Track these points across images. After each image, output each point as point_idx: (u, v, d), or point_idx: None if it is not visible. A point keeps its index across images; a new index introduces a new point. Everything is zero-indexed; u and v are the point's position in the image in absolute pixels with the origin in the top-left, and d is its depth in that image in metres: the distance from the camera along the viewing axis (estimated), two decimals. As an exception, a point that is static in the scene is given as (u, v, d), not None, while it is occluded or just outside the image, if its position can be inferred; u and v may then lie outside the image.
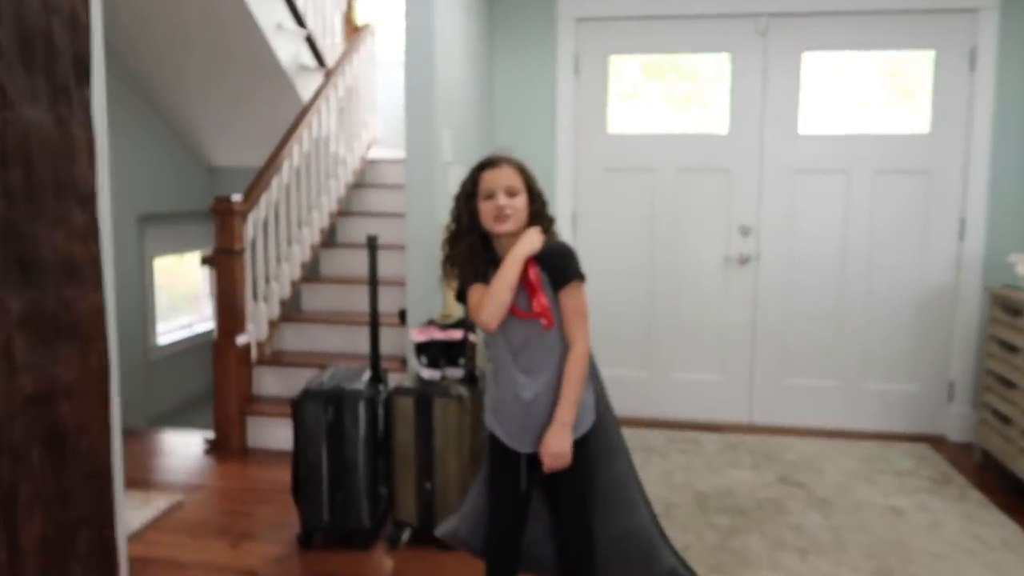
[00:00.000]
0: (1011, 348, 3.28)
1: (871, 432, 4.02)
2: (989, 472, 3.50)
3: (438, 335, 2.73)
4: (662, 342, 4.17)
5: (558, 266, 1.88)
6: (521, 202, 1.89)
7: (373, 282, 2.79)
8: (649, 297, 4.15)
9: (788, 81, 3.92)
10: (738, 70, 3.95)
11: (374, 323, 2.84)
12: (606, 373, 2.17)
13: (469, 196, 1.93)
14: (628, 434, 2.17)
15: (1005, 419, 3.32)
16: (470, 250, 1.92)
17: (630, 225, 4.12)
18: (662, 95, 4.09)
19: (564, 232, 4.31)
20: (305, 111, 4.33)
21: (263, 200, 3.92)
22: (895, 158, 3.88)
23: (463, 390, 2.66)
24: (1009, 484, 3.34)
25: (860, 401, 4.04)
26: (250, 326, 3.81)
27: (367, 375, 2.80)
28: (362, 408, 2.63)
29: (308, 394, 2.64)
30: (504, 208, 1.86)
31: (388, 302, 3.96)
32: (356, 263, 4.45)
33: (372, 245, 2.76)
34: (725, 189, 4.02)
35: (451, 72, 3.28)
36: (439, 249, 2.02)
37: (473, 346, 2.80)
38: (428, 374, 2.74)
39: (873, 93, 3.91)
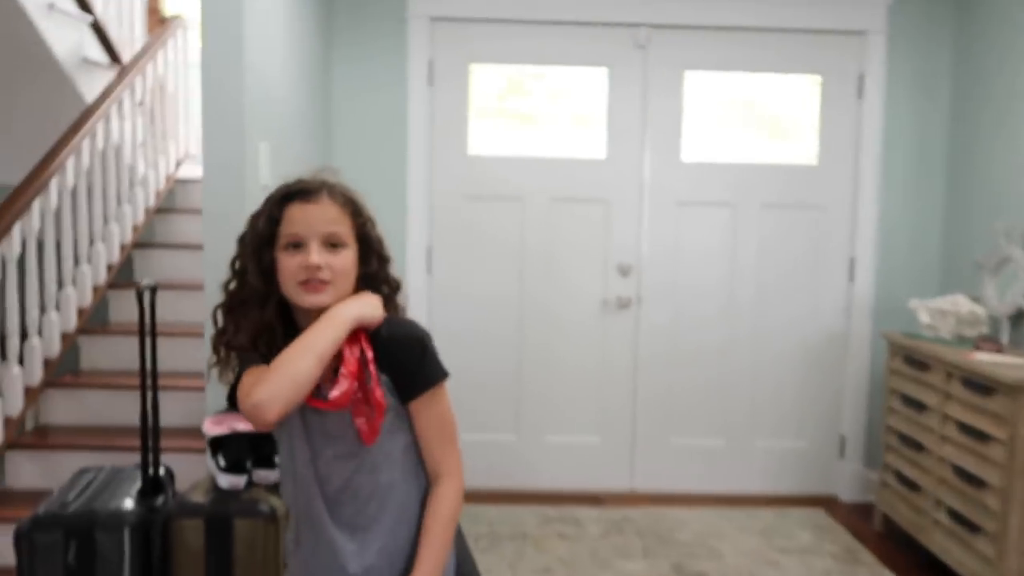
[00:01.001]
0: (918, 406, 2.94)
1: (762, 496, 3.60)
2: (894, 542, 3.14)
3: (242, 424, 1.97)
4: (533, 400, 3.57)
5: (408, 362, 1.24)
6: (347, 259, 1.24)
7: (143, 350, 2.00)
8: (517, 347, 3.55)
9: (670, 101, 3.47)
10: (616, 87, 3.46)
11: (146, 404, 2.03)
12: (467, 438, 1.51)
13: (263, 243, 1.23)
14: (496, 513, 1.55)
15: (912, 485, 2.97)
16: (258, 329, 1.22)
17: (495, 263, 3.51)
18: (531, 113, 3.53)
19: (417, 272, 3.70)
20: (87, 115, 3.40)
21: (16, 230, 2.97)
22: (783, 191, 3.52)
23: (279, 503, 1.92)
24: (918, 558, 2.98)
25: (750, 461, 3.62)
26: (-7, 399, 2.85)
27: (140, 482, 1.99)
28: (126, 540, 1.82)
29: (39, 523, 1.79)
30: (318, 269, 1.19)
31: (195, 358, 3.11)
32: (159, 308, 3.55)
33: (141, 298, 1.97)
34: (603, 222, 3.50)
35: (268, 70, 2.54)
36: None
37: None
38: (228, 481, 1.96)
39: (759, 119, 3.54)
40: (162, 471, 2.06)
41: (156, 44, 4.05)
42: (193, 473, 2.50)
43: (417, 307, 3.41)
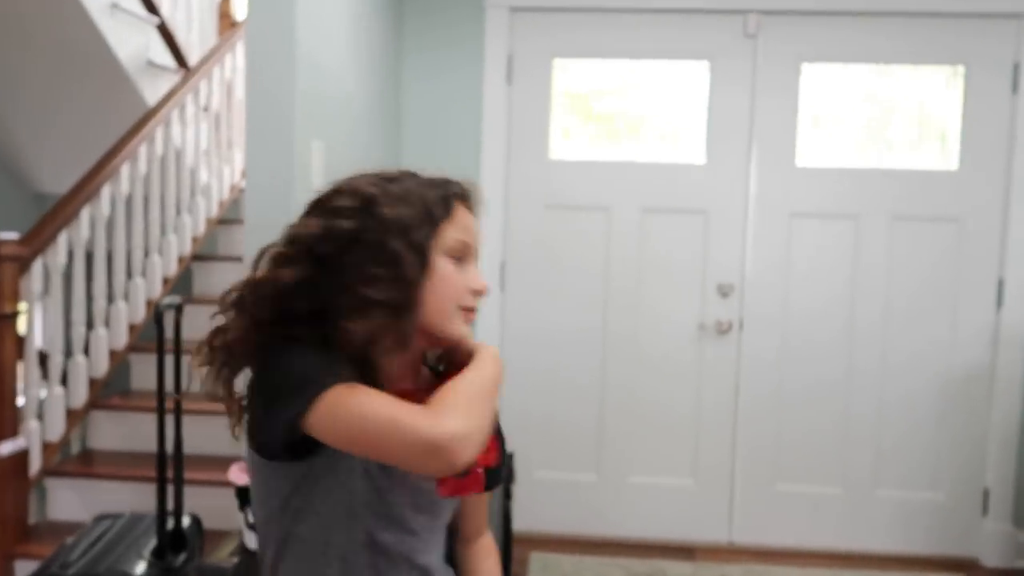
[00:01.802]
0: (1096, 463, 2.40)
1: (885, 555, 3.08)
2: (1060, 627, 2.60)
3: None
4: (617, 435, 3.15)
5: None
6: None
7: (161, 374, 1.70)
8: (601, 375, 3.14)
9: (783, 99, 3.02)
10: (719, 82, 3.03)
11: (163, 439, 1.74)
12: (541, 476, 1.23)
13: (428, 233, 0.92)
14: (571, 564, 1.26)
15: (1087, 559, 2.42)
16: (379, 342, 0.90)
17: (576, 279, 3.13)
18: (620, 114, 3.14)
19: (491, 291, 3.30)
20: (146, 119, 3.21)
21: (63, 239, 2.77)
22: (916, 201, 3.01)
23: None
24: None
25: (872, 514, 3.10)
26: (32, 423, 2.64)
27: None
28: (131, 612, 1.52)
29: (31, 590, 1.51)
30: (482, 293, 0.97)
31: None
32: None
33: (160, 319, 1.67)
34: (700, 235, 3.07)
35: (324, 60, 2.24)
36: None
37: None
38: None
39: (889, 118, 3.05)
40: (187, 521, 1.76)
41: (224, 48, 3.86)
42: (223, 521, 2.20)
43: (489, 326, 3.07)
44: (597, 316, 3.12)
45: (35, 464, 2.69)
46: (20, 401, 2.67)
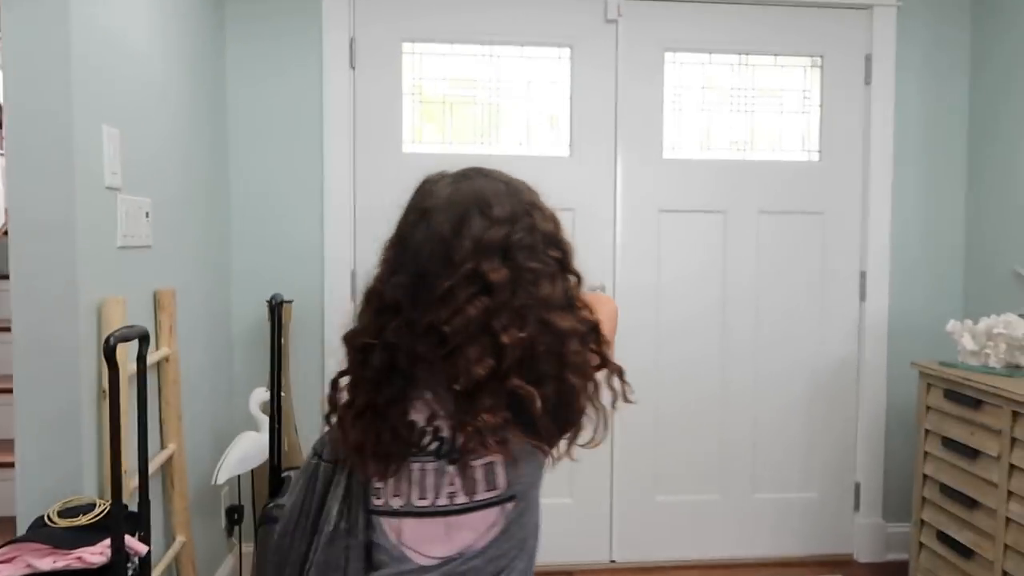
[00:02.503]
0: (968, 452, 2.37)
1: (764, 560, 2.99)
2: (939, 620, 2.57)
3: (45, 561, 1.23)
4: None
5: None
6: None
7: None
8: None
9: (648, 87, 2.86)
10: (581, 70, 2.84)
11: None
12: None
13: None
14: None
15: (963, 550, 2.39)
16: None
17: (437, 287, 2.82)
18: (479, 103, 2.87)
19: (341, 302, 2.83)
20: None
21: None
22: (781, 194, 2.95)
23: None
24: (977, 643, 2.40)
25: (750, 519, 3.00)
26: None
27: None
28: None
29: None
30: None
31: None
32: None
33: None
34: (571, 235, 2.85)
35: (118, 33, 1.81)
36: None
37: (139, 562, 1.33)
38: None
39: (752, 109, 2.96)
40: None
41: None
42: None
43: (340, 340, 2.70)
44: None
45: None
46: None
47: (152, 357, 1.89)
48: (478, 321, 0.86)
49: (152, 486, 1.98)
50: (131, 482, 1.77)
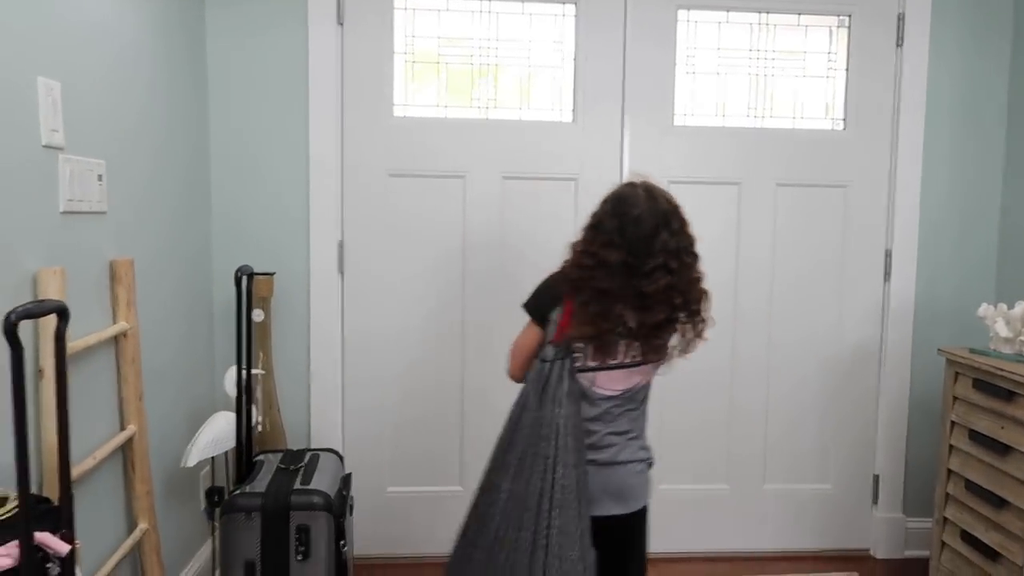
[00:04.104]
0: (999, 447, 2.18)
1: (774, 553, 2.83)
2: (961, 626, 2.39)
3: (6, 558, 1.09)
4: (469, 449, 2.73)
5: None
6: None
7: None
8: (460, 373, 2.70)
9: (659, 49, 2.65)
10: (586, 29, 2.63)
11: None
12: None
13: None
14: None
15: (989, 552, 2.21)
16: None
17: (430, 261, 2.66)
18: (476, 63, 2.68)
19: (328, 275, 2.61)
20: None
21: None
22: (801, 165, 2.74)
23: None
24: (1002, 653, 2.22)
25: (760, 511, 2.83)
26: None
27: None
28: None
29: None
30: None
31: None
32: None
33: None
34: (571, 207, 2.67)
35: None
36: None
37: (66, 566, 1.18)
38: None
39: (770, 71, 2.74)
40: None
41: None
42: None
43: (327, 314, 2.57)
44: (455, 305, 2.67)
45: None
46: None
47: (102, 333, 1.74)
48: (665, 287, 1.54)
49: (110, 472, 1.85)
50: (80, 469, 1.63)
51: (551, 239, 2.66)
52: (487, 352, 2.66)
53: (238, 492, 1.93)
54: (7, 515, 1.18)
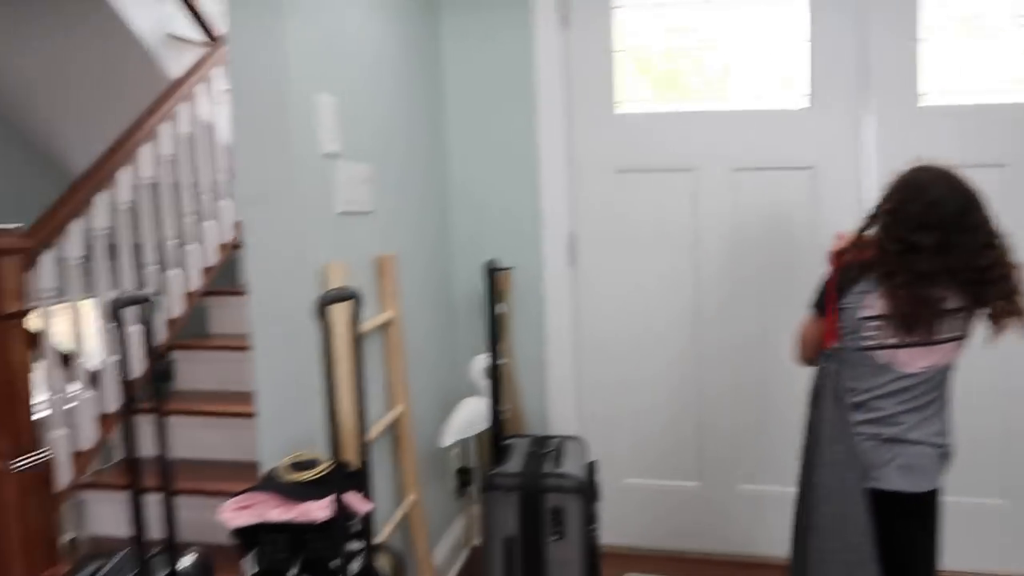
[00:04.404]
0: None
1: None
2: None
3: (275, 512, 1.29)
4: (720, 438, 2.72)
5: None
6: None
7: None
8: (693, 361, 2.70)
9: (900, 24, 2.48)
10: (820, 13, 2.52)
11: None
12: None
13: None
14: None
15: None
16: None
17: (661, 254, 2.69)
18: (699, 56, 2.66)
19: (560, 269, 2.73)
20: (167, 94, 2.92)
21: (75, 228, 2.50)
22: None
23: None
24: None
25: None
26: (57, 432, 2.40)
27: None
28: None
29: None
30: None
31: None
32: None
33: (118, 314, 1.33)
34: (807, 196, 2.58)
35: (335, 6, 1.86)
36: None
37: (348, 528, 1.36)
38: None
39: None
40: (186, 563, 1.43)
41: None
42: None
43: (560, 305, 2.68)
44: (686, 298, 2.68)
45: (65, 476, 2.46)
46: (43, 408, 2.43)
47: (374, 321, 1.95)
48: (992, 264, 1.59)
49: (382, 446, 2.07)
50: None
51: (787, 231, 2.60)
52: (718, 343, 2.64)
53: (496, 472, 2.08)
54: (320, 475, 1.37)
